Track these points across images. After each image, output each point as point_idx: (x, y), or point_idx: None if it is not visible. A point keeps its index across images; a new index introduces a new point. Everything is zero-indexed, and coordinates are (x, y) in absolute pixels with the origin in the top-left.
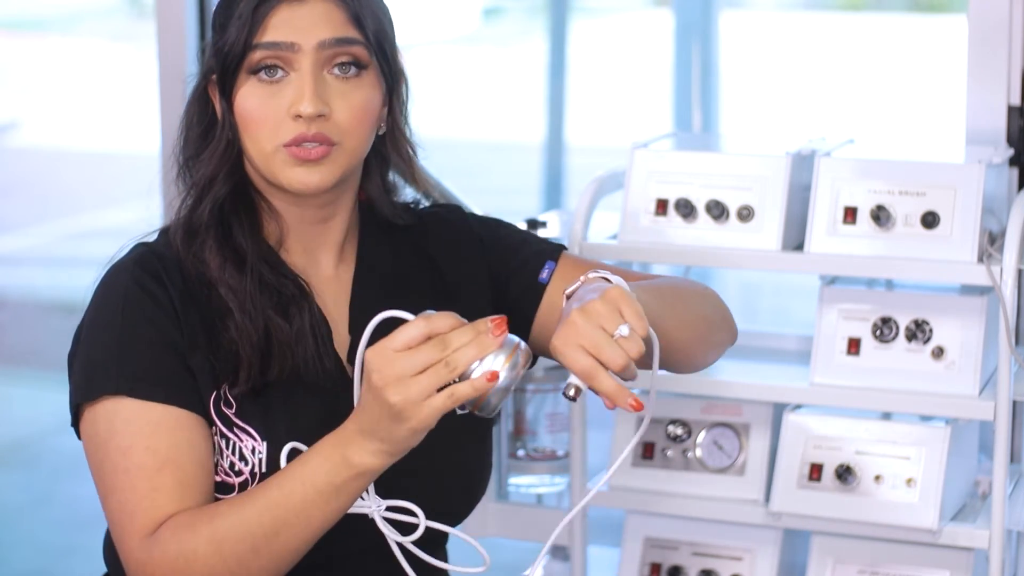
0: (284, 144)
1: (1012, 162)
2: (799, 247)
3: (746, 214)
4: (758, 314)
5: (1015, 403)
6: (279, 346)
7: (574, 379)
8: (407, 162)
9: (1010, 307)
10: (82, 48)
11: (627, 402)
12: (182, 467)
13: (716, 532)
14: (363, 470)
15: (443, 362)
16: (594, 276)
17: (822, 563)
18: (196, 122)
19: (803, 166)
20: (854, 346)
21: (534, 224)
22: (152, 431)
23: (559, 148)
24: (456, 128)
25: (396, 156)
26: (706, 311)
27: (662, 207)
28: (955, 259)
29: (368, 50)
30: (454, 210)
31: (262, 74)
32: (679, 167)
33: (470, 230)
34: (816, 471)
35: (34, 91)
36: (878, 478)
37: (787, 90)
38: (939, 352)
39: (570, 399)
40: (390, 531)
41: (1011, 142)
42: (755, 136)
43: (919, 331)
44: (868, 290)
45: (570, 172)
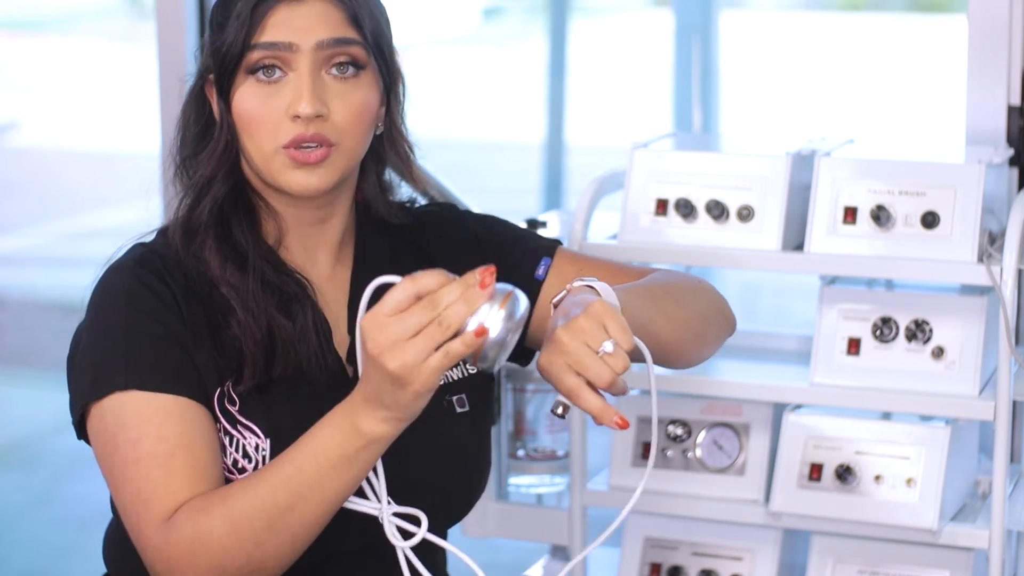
0: (283, 146)
1: (1012, 162)
2: (799, 247)
3: (746, 214)
4: (758, 314)
5: (1015, 403)
6: (282, 344)
7: (561, 396)
8: (405, 161)
9: (1010, 307)
10: (82, 48)
11: (612, 420)
12: (194, 453)
13: (716, 532)
14: (374, 438)
15: (435, 322)
16: (579, 284)
17: (822, 563)
18: (193, 122)
19: (803, 166)
20: (854, 346)
21: (534, 224)
22: (163, 420)
23: (559, 148)
24: (456, 128)
25: (394, 156)
26: (700, 307)
27: (662, 207)
28: (955, 259)
29: (366, 50)
30: (450, 208)
31: (260, 74)
32: (679, 167)
33: (466, 228)
34: (816, 471)
35: (34, 91)
36: (878, 478)
37: (787, 90)
38: (939, 352)
39: (558, 416)
40: (396, 537)
41: (1011, 142)
42: (755, 136)
43: (919, 331)
44: (868, 290)
45: (570, 172)
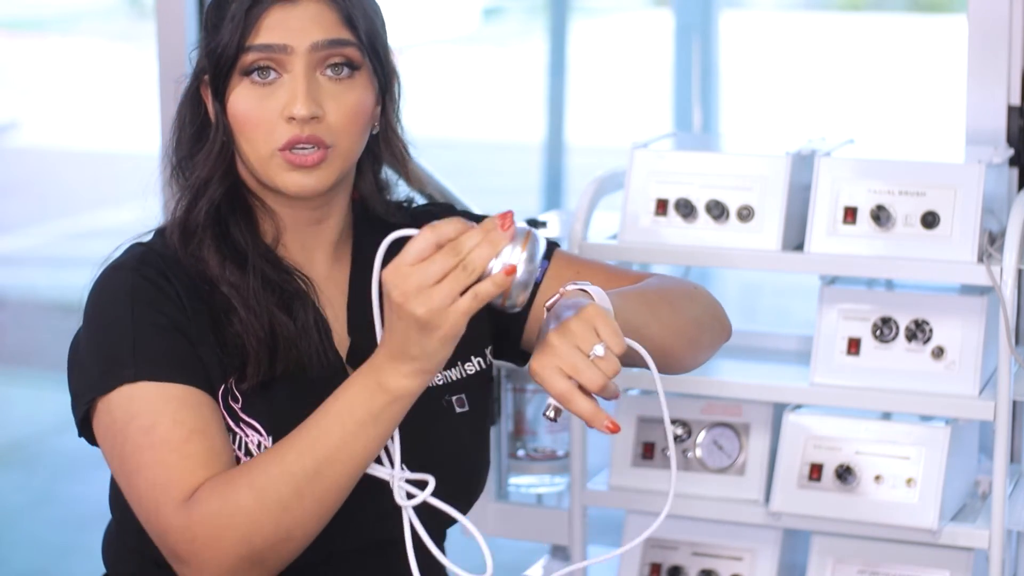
0: (279, 148)
1: (1012, 162)
2: (799, 247)
3: (746, 214)
4: (758, 314)
5: (1015, 403)
6: (284, 342)
7: (554, 400)
8: (400, 161)
9: (1010, 307)
10: (82, 48)
11: (603, 424)
12: (210, 437)
13: (716, 532)
14: (399, 394)
15: (460, 266)
16: (572, 288)
17: (822, 563)
18: (188, 123)
19: (803, 166)
20: (854, 346)
21: (534, 224)
22: (176, 407)
23: (559, 148)
24: (456, 128)
25: (389, 155)
26: (694, 313)
27: (662, 207)
28: (955, 259)
29: (361, 51)
30: (448, 208)
31: (255, 76)
32: (679, 167)
33: None
34: (816, 471)
35: (34, 91)
36: (878, 478)
37: (787, 90)
38: (939, 352)
39: (551, 419)
40: (402, 498)
41: (1011, 142)
42: (755, 136)
43: (919, 331)
44: (868, 290)
45: (570, 172)
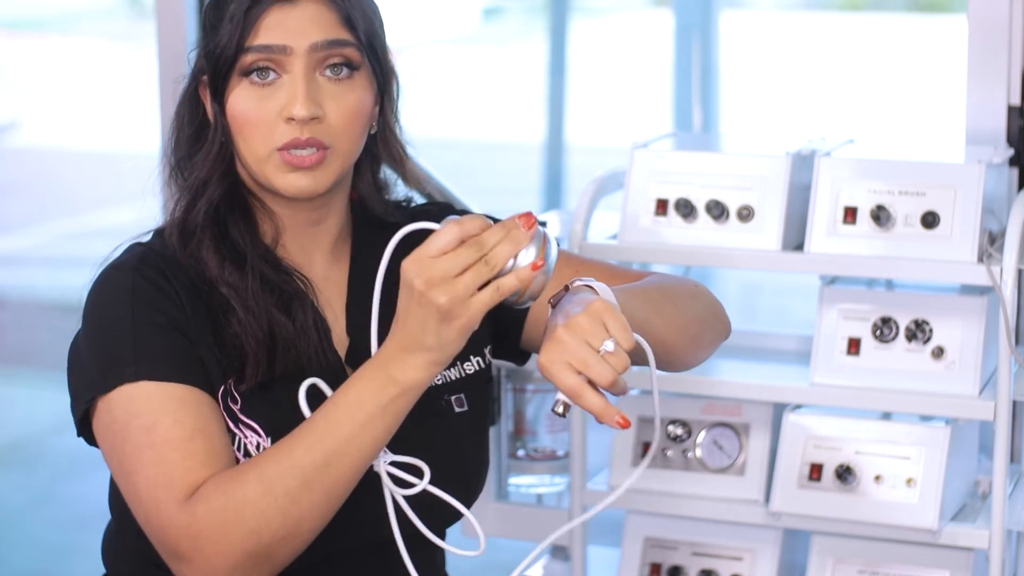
0: (277, 148)
1: (1012, 162)
2: (799, 247)
3: (746, 214)
4: (758, 314)
5: (1015, 403)
6: (283, 342)
7: (562, 395)
8: (398, 161)
9: (1010, 307)
10: (82, 48)
11: (614, 419)
12: (211, 436)
13: (716, 532)
14: (408, 386)
15: (482, 260)
16: (578, 284)
17: (822, 563)
18: (187, 123)
19: (803, 166)
20: (854, 346)
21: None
22: (177, 407)
23: (559, 148)
24: (456, 128)
25: (387, 155)
26: (696, 310)
27: (662, 207)
28: (955, 259)
29: (360, 51)
30: (445, 207)
31: (254, 76)
32: (679, 167)
33: None
34: (816, 471)
35: (34, 91)
36: (878, 478)
37: (787, 90)
38: (939, 352)
39: (559, 415)
40: (389, 486)
41: (1011, 142)
42: (755, 136)
43: (919, 331)
44: (868, 290)
45: (570, 172)
